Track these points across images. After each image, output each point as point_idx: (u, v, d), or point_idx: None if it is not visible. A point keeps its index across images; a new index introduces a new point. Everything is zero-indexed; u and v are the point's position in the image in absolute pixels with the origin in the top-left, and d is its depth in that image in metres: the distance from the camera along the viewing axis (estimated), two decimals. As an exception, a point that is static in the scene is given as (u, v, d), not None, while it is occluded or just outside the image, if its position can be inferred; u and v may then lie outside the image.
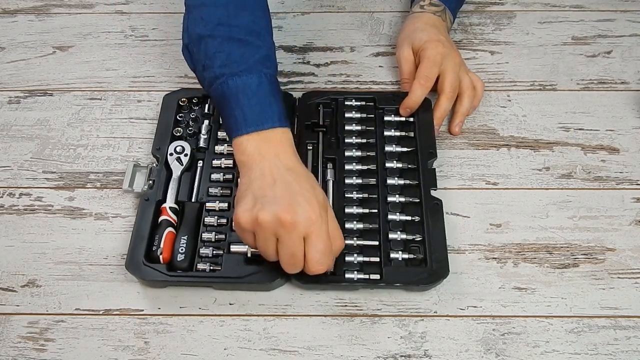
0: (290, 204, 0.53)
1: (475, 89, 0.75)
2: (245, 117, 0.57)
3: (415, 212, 0.66)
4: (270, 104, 0.58)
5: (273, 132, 0.57)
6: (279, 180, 0.55)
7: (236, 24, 0.60)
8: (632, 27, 0.86)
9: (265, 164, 0.56)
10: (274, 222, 0.52)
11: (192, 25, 0.62)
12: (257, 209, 0.53)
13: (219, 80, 0.59)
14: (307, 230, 0.53)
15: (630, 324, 0.61)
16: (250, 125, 0.57)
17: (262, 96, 0.58)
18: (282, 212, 0.52)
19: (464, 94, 0.74)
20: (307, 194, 0.54)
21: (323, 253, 0.54)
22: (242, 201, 0.55)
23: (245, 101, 0.58)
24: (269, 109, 0.58)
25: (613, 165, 0.72)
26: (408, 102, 0.72)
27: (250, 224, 0.54)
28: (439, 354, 0.59)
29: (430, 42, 0.74)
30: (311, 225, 0.53)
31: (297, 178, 0.56)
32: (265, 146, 0.57)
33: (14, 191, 0.71)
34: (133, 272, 0.61)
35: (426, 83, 0.72)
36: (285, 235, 0.53)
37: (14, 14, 0.90)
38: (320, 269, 0.55)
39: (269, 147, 0.57)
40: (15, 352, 0.60)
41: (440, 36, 0.75)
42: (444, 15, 0.79)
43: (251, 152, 0.57)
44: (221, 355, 0.59)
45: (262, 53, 0.60)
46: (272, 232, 0.53)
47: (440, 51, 0.73)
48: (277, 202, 0.53)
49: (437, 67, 0.72)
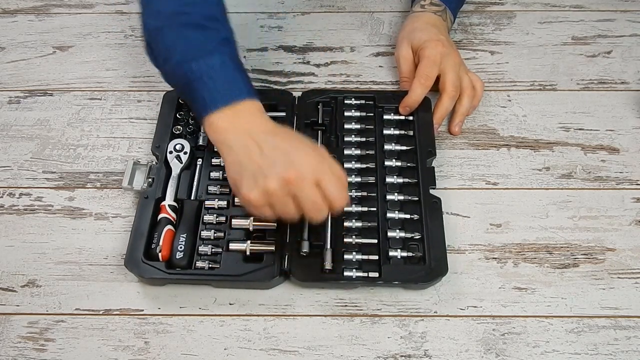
0: (289, 162, 0.53)
1: (475, 88, 0.75)
2: (213, 96, 0.57)
3: (414, 210, 0.66)
4: (236, 80, 0.58)
5: (243, 104, 0.57)
6: (264, 145, 0.55)
7: (192, 11, 0.59)
8: (632, 27, 0.86)
9: (243, 136, 0.55)
10: (283, 185, 0.53)
11: (148, 19, 0.61)
12: (262, 182, 0.53)
13: (181, 67, 0.58)
14: (316, 177, 0.54)
15: (630, 324, 0.61)
16: (218, 101, 0.57)
17: (227, 74, 0.58)
18: (286, 173, 0.52)
19: (463, 93, 0.74)
20: (297, 146, 0.55)
21: (339, 188, 0.55)
22: (241, 182, 0.55)
23: (210, 82, 0.57)
24: (235, 84, 0.58)
25: (613, 165, 0.72)
26: (408, 100, 0.72)
27: (262, 199, 0.54)
28: (439, 354, 0.59)
29: (429, 42, 0.74)
30: (317, 171, 0.54)
31: (280, 137, 0.56)
32: (238, 119, 0.57)
33: (14, 191, 0.71)
34: (132, 269, 0.61)
35: (426, 82, 0.72)
36: (299, 191, 0.53)
37: (14, 14, 0.90)
38: (344, 203, 0.56)
39: (241, 119, 0.57)
40: (15, 352, 0.60)
41: (440, 36, 0.75)
42: (444, 15, 0.79)
43: (225, 127, 0.56)
44: (221, 355, 0.59)
45: (222, 36, 0.60)
46: (286, 195, 0.53)
47: (439, 50, 0.73)
48: (275, 166, 0.53)
49: (437, 66, 0.72)
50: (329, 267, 0.62)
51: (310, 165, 0.54)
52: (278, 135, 0.56)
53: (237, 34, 0.61)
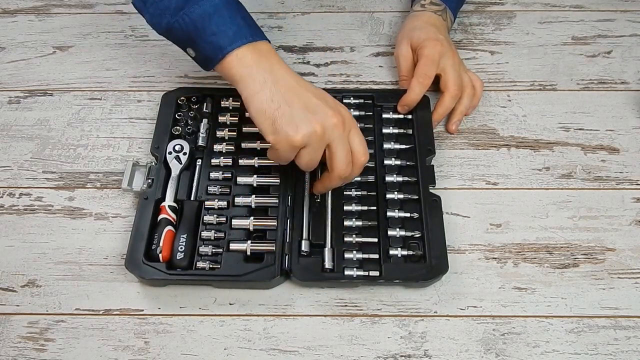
0: (333, 106, 0.54)
1: (475, 88, 0.75)
2: (231, 33, 0.57)
3: (414, 209, 0.66)
4: (248, 18, 0.59)
5: (263, 44, 0.58)
6: (302, 85, 0.55)
7: None
8: (632, 27, 0.86)
9: (277, 71, 0.56)
10: (330, 129, 0.53)
11: None
12: (308, 123, 0.53)
13: (182, 10, 0.57)
14: (350, 126, 0.55)
15: (630, 324, 0.61)
16: (240, 38, 0.57)
17: (239, 12, 0.58)
18: (332, 117, 0.53)
19: (463, 92, 0.74)
20: (326, 96, 0.56)
21: (362, 144, 0.57)
22: (281, 121, 0.53)
23: (221, 21, 0.57)
24: (249, 22, 0.59)
25: (613, 165, 0.72)
26: (406, 99, 0.72)
27: (303, 140, 0.53)
28: (439, 354, 0.59)
29: (429, 41, 0.73)
30: (351, 121, 0.55)
31: (308, 83, 0.57)
32: (263, 56, 0.57)
33: (14, 191, 0.71)
34: (132, 270, 0.61)
35: (425, 81, 0.72)
36: (339, 138, 0.54)
37: (14, 14, 0.90)
38: (366, 159, 0.58)
39: (266, 57, 0.57)
40: (15, 352, 0.60)
41: (440, 35, 0.75)
42: (444, 14, 0.79)
43: (252, 61, 0.56)
44: (221, 355, 0.59)
45: None
46: (323, 139, 0.54)
47: (438, 50, 0.73)
48: (326, 105, 0.54)
49: (436, 65, 0.72)
50: (329, 267, 0.62)
51: (347, 114, 0.54)
52: (306, 82, 0.57)
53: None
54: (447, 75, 0.73)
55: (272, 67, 0.57)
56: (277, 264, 0.61)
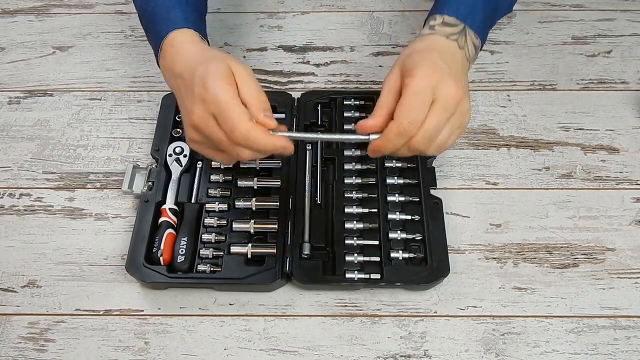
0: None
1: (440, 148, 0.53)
2: (156, 34, 0.60)
3: (415, 211, 0.66)
4: (168, 9, 0.59)
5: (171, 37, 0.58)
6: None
7: None
8: (632, 27, 0.86)
9: (171, 79, 0.58)
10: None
11: None
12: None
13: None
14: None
15: (630, 324, 0.61)
16: (158, 40, 0.60)
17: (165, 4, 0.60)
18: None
19: (425, 145, 0.51)
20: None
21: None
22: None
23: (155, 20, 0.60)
24: (168, 14, 0.59)
25: (613, 165, 0.72)
26: (379, 146, 0.51)
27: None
28: (439, 354, 0.59)
29: (421, 68, 0.50)
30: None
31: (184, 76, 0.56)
32: (164, 59, 0.59)
33: (14, 191, 0.71)
34: (133, 274, 0.61)
35: (406, 131, 0.49)
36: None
37: (14, 14, 0.90)
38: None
39: (167, 59, 0.58)
40: (15, 353, 0.60)
41: (441, 63, 0.52)
42: (461, 38, 0.56)
43: (162, 67, 0.59)
44: (221, 355, 0.60)
45: None
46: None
47: (431, 81, 0.50)
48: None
49: (427, 105, 0.49)
50: (330, 269, 0.62)
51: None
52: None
53: (237, 34, 0.61)
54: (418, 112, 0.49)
55: (170, 71, 0.57)
56: (278, 266, 0.61)
